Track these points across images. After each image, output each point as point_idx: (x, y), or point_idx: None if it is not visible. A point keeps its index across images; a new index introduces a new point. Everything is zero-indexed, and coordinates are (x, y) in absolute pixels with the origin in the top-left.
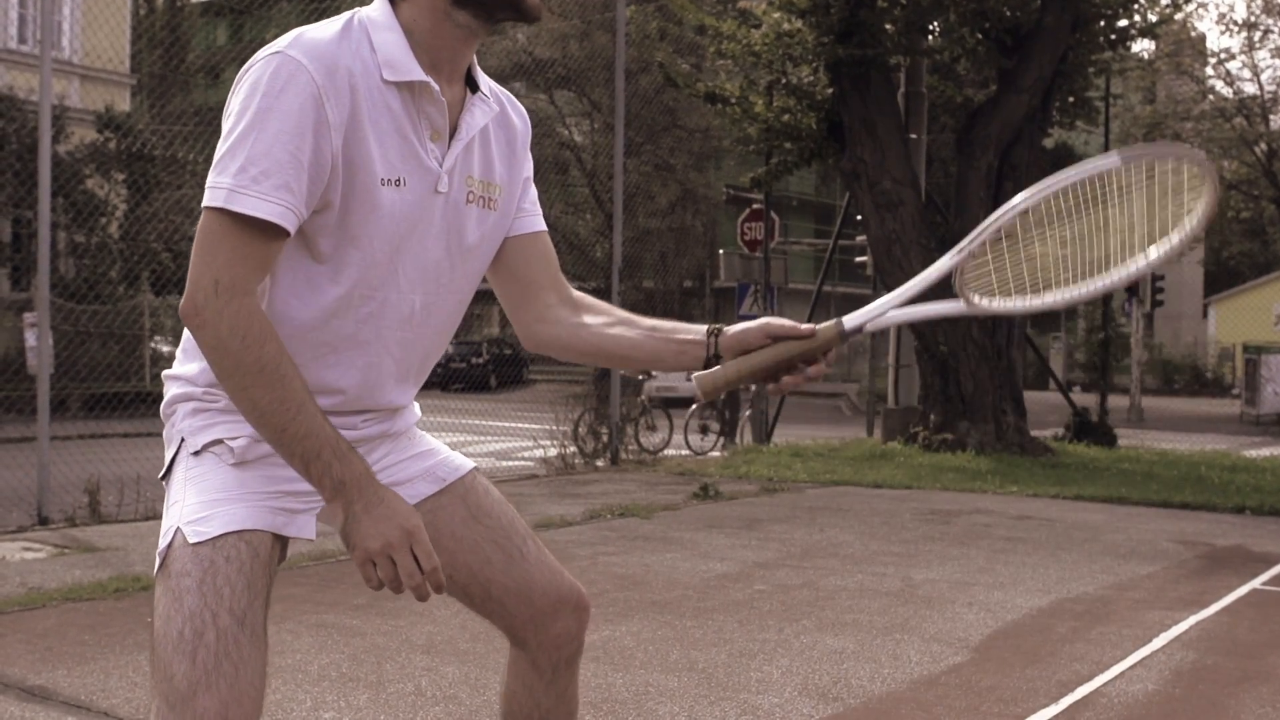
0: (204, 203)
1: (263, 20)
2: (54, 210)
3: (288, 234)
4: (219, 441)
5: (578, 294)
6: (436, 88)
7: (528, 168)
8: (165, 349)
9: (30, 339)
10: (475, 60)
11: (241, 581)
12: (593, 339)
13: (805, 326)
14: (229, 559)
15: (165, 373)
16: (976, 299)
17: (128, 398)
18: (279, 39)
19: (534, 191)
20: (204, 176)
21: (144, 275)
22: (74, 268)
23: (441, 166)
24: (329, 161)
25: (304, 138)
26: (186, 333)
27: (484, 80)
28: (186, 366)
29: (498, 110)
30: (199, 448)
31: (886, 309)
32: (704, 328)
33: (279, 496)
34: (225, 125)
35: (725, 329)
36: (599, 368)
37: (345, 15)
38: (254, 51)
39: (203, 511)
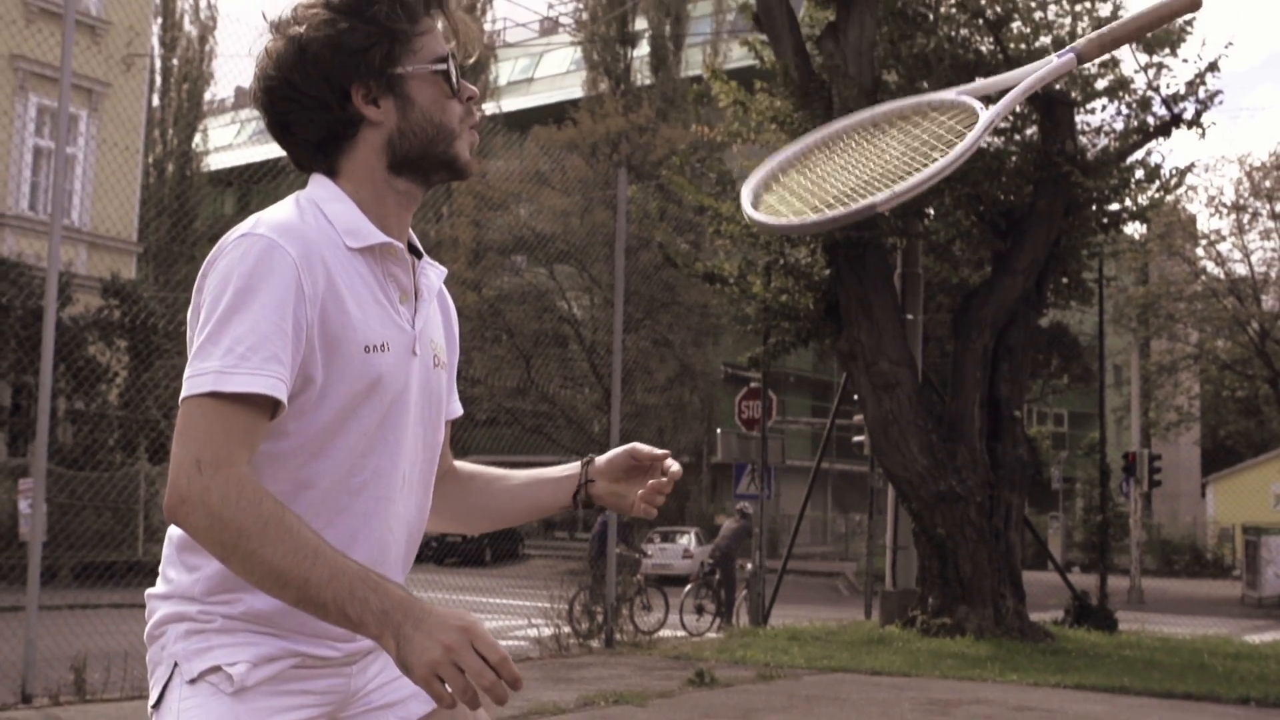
0: (185, 393)
1: (270, 191)
2: (55, 377)
3: (279, 405)
4: (216, 669)
5: (455, 463)
6: (402, 246)
7: (456, 348)
8: (160, 518)
9: (24, 506)
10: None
11: None
12: (477, 501)
13: (660, 453)
14: None
15: (150, 592)
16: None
17: (120, 567)
18: (240, 224)
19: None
20: None
21: (142, 444)
22: (71, 434)
23: (414, 329)
24: (304, 334)
25: (286, 310)
26: (170, 548)
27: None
28: (176, 583)
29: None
30: (195, 675)
31: None
32: (579, 462)
33: None
34: (200, 315)
35: (597, 457)
36: (596, 545)
37: (290, 198)
38: None
39: None
